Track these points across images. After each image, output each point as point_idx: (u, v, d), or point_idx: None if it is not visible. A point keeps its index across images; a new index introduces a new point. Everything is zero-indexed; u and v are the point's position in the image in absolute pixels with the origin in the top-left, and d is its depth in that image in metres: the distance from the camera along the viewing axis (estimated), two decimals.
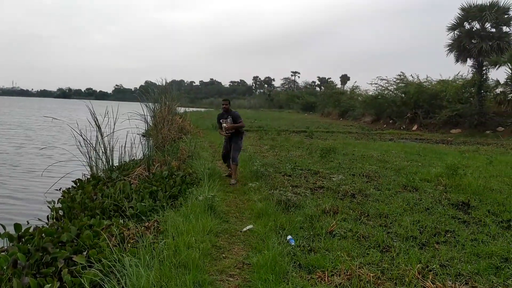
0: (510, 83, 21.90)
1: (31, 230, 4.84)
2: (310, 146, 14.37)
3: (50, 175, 9.34)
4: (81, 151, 8.94)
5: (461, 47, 24.05)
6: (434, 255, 4.32)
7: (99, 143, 9.14)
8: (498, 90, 23.24)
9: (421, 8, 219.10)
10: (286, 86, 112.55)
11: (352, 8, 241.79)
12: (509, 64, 21.53)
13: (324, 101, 51.97)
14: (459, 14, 24.26)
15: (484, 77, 24.02)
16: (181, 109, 21.57)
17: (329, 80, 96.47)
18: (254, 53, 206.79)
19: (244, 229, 5.23)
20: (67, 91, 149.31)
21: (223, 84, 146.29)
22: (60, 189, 7.80)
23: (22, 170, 11.62)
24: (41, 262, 3.99)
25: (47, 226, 5.34)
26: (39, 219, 6.28)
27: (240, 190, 7.61)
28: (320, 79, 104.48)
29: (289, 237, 4.72)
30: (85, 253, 4.10)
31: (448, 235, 5.00)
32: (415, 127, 27.21)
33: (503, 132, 21.45)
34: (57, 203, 6.94)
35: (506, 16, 23.09)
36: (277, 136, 18.33)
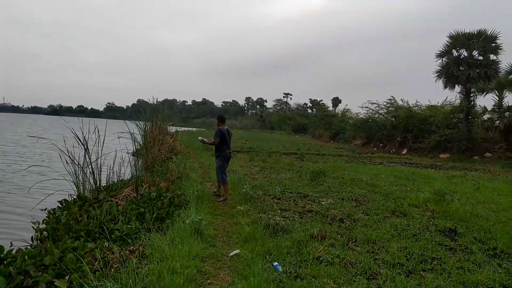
0: (497, 110, 22.27)
1: (13, 252, 4.77)
2: (300, 169, 14.39)
3: (36, 195, 9.21)
4: (68, 171, 8.86)
5: (449, 73, 24.48)
6: (420, 283, 4.31)
7: (86, 163, 9.07)
8: (486, 117, 23.62)
9: (411, 35, 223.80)
10: (278, 108, 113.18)
11: (345, 33, 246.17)
12: (496, 92, 21.96)
13: (316, 123, 52.37)
14: (448, 42, 24.78)
15: (472, 103, 24.42)
16: (173, 129, 21.55)
17: (321, 102, 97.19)
18: (247, 74, 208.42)
19: (231, 254, 5.18)
20: (58, 108, 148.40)
21: (215, 104, 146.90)
22: (45, 209, 7.70)
23: (6, 189, 11.44)
24: (22, 286, 3.92)
25: (31, 248, 5.25)
26: (23, 240, 6.18)
27: (228, 213, 7.56)
28: (312, 101, 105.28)
29: (275, 263, 4.68)
30: (67, 277, 4.03)
31: (435, 263, 4.99)
32: (404, 151, 27.43)
33: (491, 158, 21.69)
34: (42, 223, 6.84)
35: (493, 44, 23.61)
36: (268, 158, 18.36)
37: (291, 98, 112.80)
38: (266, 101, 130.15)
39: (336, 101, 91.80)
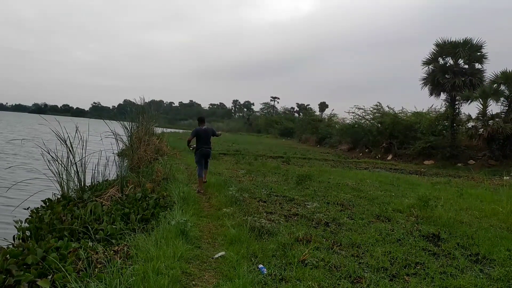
0: (481, 118, 22.63)
1: None
2: (286, 172, 14.43)
3: (19, 194, 9.06)
4: (51, 171, 8.73)
5: (435, 81, 24.79)
6: (404, 287, 4.35)
7: (70, 162, 8.96)
8: (470, 124, 23.97)
9: (398, 42, 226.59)
10: (265, 111, 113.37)
11: (332, 38, 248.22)
12: (480, 100, 22.31)
13: (302, 127, 52.52)
14: (434, 50, 25.11)
15: (457, 111, 24.77)
16: (159, 130, 21.45)
17: (307, 106, 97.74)
18: (234, 77, 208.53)
19: (216, 256, 5.17)
20: (42, 106, 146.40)
21: (202, 106, 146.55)
22: (28, 208, 7.57)
23: None
24: (3, 285, 3.85)
25: (12, 247, 5.16)
26: (5, 239, 6.07)
27: (214, 215, 7.54)
28: (299, 105, 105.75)
29: (260, 265, 4.69)
30: (50, 277, 3.98)
31: (418, 267, 5.05)
32: (390, 157, 27.68)
33: (474, 165, 22.01)
34: (25, 222, 6.72)
35: (478, 53, 24.00)
36: (254, 161, 18.35)
37: (278, 102, 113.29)
38: (253, 104, 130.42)
39: (323, 106, 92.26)
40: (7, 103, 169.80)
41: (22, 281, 3.85)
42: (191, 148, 10.85)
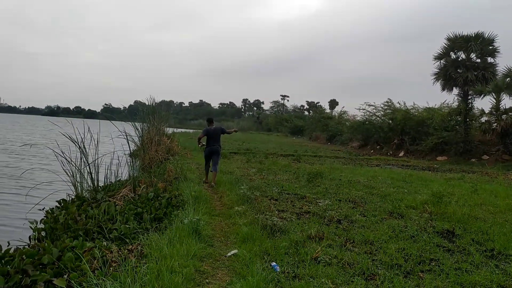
0: (494, 112, 22.35)
1: (11, 251, 4.74)
2: (297, 170, 14.40)
3: (34, 195, 9.19)
4: (66, 172, 8.84)
5: (447, 76, 24.56)
6: (419, 284, 4.32)
7: (84, 163, 9.06)
8: (483, 119, 23.69)
9: (408, 37, 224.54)
10: (275, 109, 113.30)
11: (342, 35, 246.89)
12: (493, 94, 22.04)
13: (313, 125, 52.44)
14: (445, 44, 24.86)
15: (470, 105, 24.49)
16: (169, 130, 21.55)
17: (317, 104, 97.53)
18: (244, 76, 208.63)
19: (229, 254, 5.18)
20: (55, 109, 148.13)
21: (212, 105, 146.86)
22: (43, 209, 7.67)
23: (5, 189, 11.41)
24: (20, 285, 3.90)
25: (28, 247, 5.23)
26: (21, 240, 6.15)
27: (226, 214, 7.56)
28: (309, 103, 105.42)
29: (273, 263, 4.69)
30: (66, 276, 4.02)
31: (433, 264, 5.01)
32: (401, 153, 27.49)
33: (488, 161, 21.75)
34: (40, 223, 6.81)
35: (490, 47, 23.72)
36: (265, 159, 18.36)
37: (288, 100, 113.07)
38: (263, 103, 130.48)
39: (333, 103, 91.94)
40: (20, 106, 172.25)
41: (38, 280, 3.90)
42: (200, 146, 12.02)
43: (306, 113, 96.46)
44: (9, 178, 13.03)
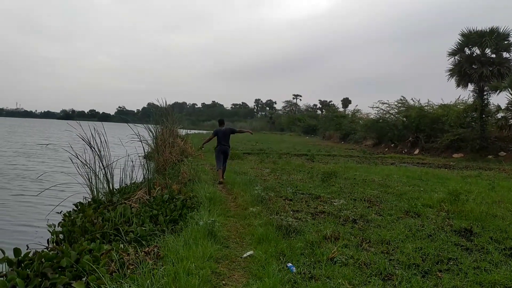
0: (511, 108, 21.97)
1: (30, 254, 4.82)
2: (311, 170, 14.35)
3: (52, 198, 9.34)
4: (82, 175, 8.96)
5: (462, 72, 24.22)
6: (437, 284, 4.27)
7: (99, 166, 9.18)
8: (499, 115, 23.32)
9: (422, 34, 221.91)
10: (288, 109, 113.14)
11: (353, 33, 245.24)
12: (509, 90, 21.64)
13: (326, 124, 52.25)
14: (460, 40, 24.52)
15: (485, 102, 24.13)
16: (183, 131, 21.68)
17: (330, 103, 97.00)
18: (256, 76, 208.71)
19: (245, 255, 5.18)
20: (70, 112, 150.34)
21: (225, 106, 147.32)
22: (60, 212, 7.79)
23: (23, 193, 11.61)
24: None
25: (47, 251, 5.31)
26: (39, 243, 6.26)
27: (240, 215, 7.57)
28: (321, 102, 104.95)
29: (289, 264, 4.68)
30: (84, 278, 4.07)
31: (451, 263, 4.94)
32: (416, 151, 27.20)
33: (505, 157, 21.40)
34: (58, 226, 6.92)
35: (505, 42, 23.33)
36: (278, 159, 18.34)
37: (300, 100, 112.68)
38: (275, 102, 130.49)
39: (346, 102, 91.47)
40: (36, 110, 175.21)
41: (57, 283, 3.96)
42: (203, 148, 13.53)
43: (319, 112, 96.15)
44: (27, 181, 13.26)
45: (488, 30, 23.24)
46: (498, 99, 65.28)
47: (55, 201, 8.61)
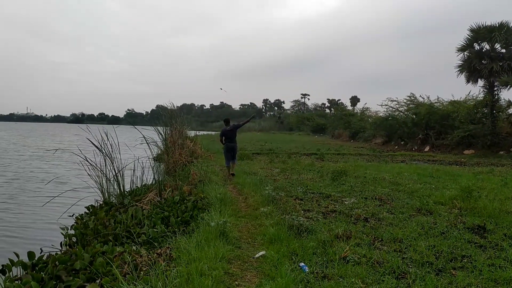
0: None
1: (44, 257, 4.88)
2: (321, 169, 14.30)
3: (64, 201, 9.42)
4: (93, 178, 9.03)
5: (471, 68, 23.97)
6: (451, 282, 4.23)
7: (109, 169, 9.24)
8: (511, 111, 23.06)
9: (429, 31, 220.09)
10: (296, 109, 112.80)
11: (361, 30, 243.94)
12: None
13: (335, 123, 52.00)
14: (468, 35, 24.26)
15: (496, 97, 23.87)
16: (192, 133, 21.75)
17: (339, 102, 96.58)
18: (264, 76, 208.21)
19: (257, 255, 5.18)
20: (80, 116, 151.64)
21: (233, 107, 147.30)
22: (73, 215, 7.85)
23: (36, 197, 11.74)
24: None
25: (61, 253, 5.36)
26: (53, 246, 6.31)
27: (251, 215, 7.57)
28: (330, 101, 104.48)
29: (301, 264, 4.67)
30: (98, 281, 4.10)
31: (465, 260, 4.90)
32: (427, 148, 26.98)
33: None
34: (70, 229, 6.98)
35: None
36: (288, 159, 18.31)
37: (308, 99, 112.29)
38: (283, 102, 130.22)
39: (354, 100, 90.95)
40: (46, 115, 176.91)
41: (72, 286, 4.00)
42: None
43: (328, 111, 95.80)
44: (40, 184, 13.40)
45: (497, 25, 22.97)
46: (509, 94, 64.60)
47: (67, 204, 8.68)
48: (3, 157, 23.09)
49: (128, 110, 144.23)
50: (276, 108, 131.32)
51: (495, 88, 23.70)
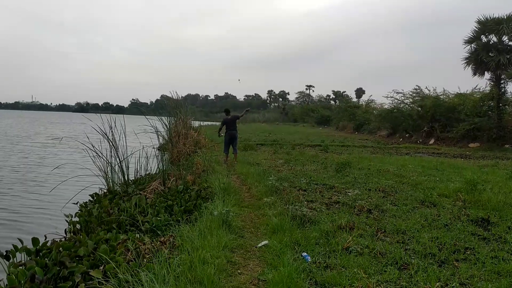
0: None
1: (48, 244, 4.91)
2: (325, 160, 14.27)
3: (68, 189, 9.47)
4: (97, 166, 9.06)
5: (478, 60, 23.72)
6: (454, 273, 4.23)
7: (114, 158, 9.27)
8: None
9: (435, 23, 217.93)
10: (301, 100, 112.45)
11: (367, 22, 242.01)
12: None
13: (339, 114, 51.79)
14: (476, 28, 23.99)
15: (503, 90, 23.67)
16: (196, 123, 21.75)
17: (343, 93, 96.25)
18: (269, 68, 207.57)
19: (259, 245, 5.20)
20: (85, 105, 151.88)
21: (237, 98, 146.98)
22: (77, 203, 7.89)
23: (40, 184, 11.81)
24: (58, 277, 4.02)
25: (65, 240, 5.40)
26: (57, 233, 6.35)
27: (255, 205, 7.58)
28: (334, 92, 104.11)
29: (304, 253, 4.68)
30: (101, 267, 4.12)
31: (468, 252, 4.89)
32: (432, 141, 26.86)
33: None
34: (75, 216, 7.02)
35: None
36: (292, 150, 18.30)
37: (313, 90, 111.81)
38: (288, 93, 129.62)
39: (359, 92, 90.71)
40: (51, 104, 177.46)
41: (75, 272, 4.02)
42: (221, 135, 14.50)
43: (332, 102, 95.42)
44: (44, 172, 13.47)
45: (505, 17, 22.68)
46: None
47: (71, 191, 8.72)
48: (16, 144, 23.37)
49: (132, 99, 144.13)
50: (280, 99, 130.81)
51: (502, 81, 23.50)
